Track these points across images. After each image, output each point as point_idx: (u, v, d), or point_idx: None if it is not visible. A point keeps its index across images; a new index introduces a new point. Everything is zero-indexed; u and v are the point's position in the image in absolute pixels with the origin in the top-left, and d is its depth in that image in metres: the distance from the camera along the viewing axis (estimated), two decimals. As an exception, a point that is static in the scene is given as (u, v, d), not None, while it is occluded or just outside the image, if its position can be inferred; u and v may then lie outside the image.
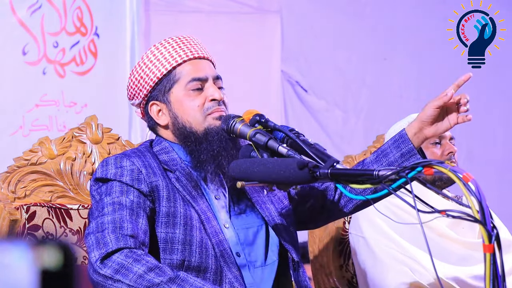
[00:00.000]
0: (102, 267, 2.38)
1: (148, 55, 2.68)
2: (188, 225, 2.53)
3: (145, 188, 2.53)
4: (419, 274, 3.07)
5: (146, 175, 2.55)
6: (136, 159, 2.58)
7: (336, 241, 3.33)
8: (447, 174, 1.87)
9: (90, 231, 2.47)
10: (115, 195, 2.52)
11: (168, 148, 2.65)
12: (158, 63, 2.65)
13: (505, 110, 5.84)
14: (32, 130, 4.56)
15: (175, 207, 2.54)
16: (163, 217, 2.53)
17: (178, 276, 2.38)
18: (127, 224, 2.45)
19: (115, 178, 2.54)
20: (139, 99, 2.70)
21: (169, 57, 2.65)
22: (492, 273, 1.78)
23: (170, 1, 5.14)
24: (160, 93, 2.66)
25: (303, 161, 2.19)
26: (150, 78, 2.66)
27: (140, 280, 2.36)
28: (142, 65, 2.68)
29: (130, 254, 2.39)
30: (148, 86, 2.66)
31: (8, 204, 2.77)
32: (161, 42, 2.68)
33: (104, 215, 2.47)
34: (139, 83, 2.68)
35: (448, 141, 3.28)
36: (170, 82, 2.64)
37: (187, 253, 2.52)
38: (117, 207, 2.49)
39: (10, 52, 4.55)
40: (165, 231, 2.53)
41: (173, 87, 2.64)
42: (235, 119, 2.56)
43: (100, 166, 2.59)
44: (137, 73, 2.69)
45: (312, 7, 5.53)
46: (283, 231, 2.65)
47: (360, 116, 5.62)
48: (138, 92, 2.69)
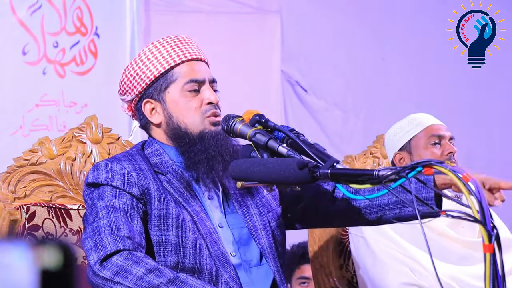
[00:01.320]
0: (101, 269, 2.39)
1: (145, 53, 2.67)
2: (181, 226, 2.54)
3: (136, 191, 2.54)
4: (419, 274, 3.07)
5: (136, 178, 2.55)
6: (126, 163, 2.58)
7: (336, 241, 3.33)
8: (447, 174, 1.87)
9: (87, 236, 2.47)
10: (108, 199, 2.52)
11: (160, 150, 2.64)
12: (155, 61, 2.65)
13: (506, 110, 5.84)
14: (32, 130, 4.56)
15: (167, 209, 2.54)
16: (155, 220, 2.53)
17: (177, 277, 2.39)
18: (123, 226, 2.46)
19: (106, 182, 2.54)
20: (132, 96, 2.68)
21: (167, 56, 2.65)
22: (492, 273, 1.78)
23: (170, 1, 5.14)
24: (155, 92, 2.65)
25: (303, 161, 2.19)
26: (147, 75, 2.65)
27: (140, 282, 2.36)
28: (138, 62, 2.67)
29: (129, 256, 2.40)
30: (143, 84, 2.65)
31: (8, 204, 2.77)
32: (159, 41, 2.68)
33: (99, 219, 2.48)
34: (134, 80, 2.67)
35: (448, 141, 3.28)
36: (166, 82, 2.64)
37: (180, 254, 2.52)
38: (111, 210, 2.49)
39: (10, 52, 4.54)
40: (158, 234, 2.53)
41: (169, 87, 2.64)
42: (235, 119, 2.56)
43: (92, 171, 2.59)
44: (132, 70, 2.68)
45: (312, 7, 5.52)
46: (262, 237, 2.64)
47: (359, 116, 5.62)
48: (132, 88, 2.68)
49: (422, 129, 3.28)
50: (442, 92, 5.66)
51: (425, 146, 3.25)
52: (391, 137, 3.33)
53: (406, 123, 3.32)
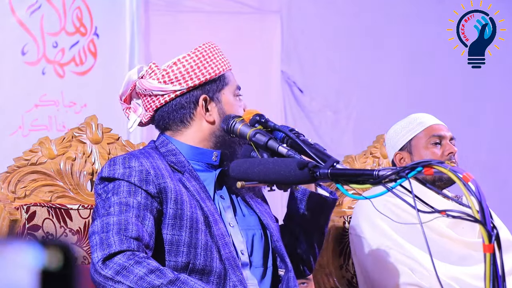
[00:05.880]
0: (103, 267, 2.40)
1: (205, 50, 2.67)
2: (194, 228, 2.54)
3: (153, 189, 2.53)
4: (419, 274, 3.06)
5: (154, 176, 2.54)
6: (144, 160, 2.57)
7: (336, 241, 3.33)
8: (447, 174, 1.87)
9: (95, 230, 2.48)
10: (123, 195, 2.51)
11: (176, 151, 2.64)
12: (216, 61, 2.66)
13: (506, 110, 5.84)
14: (32, 130, 4.56)
15: (182, 210, 2.54)
16: (169, 219, 2.53)
17: (178, 278, 2.40)
18: (132, 226, 2.45)
19: (123, 178, 2.54)
20: (181, 87, 2.63)
21: (224, 60, 2.69)
22: (492, 273, 1.78)
23: (170, 1, 5.14)
24: (211, 90, 2.65)
25: (303, 161, 2.19)
26: (208, 71, 2.64)
27: (141, 282, 2.37)
28: (200, 56, 2.65)
29: (132, 257, 2.41)
30: (202, 78, 2.64)
31: (8, 204, 2.77)
32: (214, 44, 2.71)
33: (110, 215, 2.48)
34: (192, 71, 2.63)
35: (448, 141, 3.28)
36: (221, 83, 2.66)
37: (192, 255, 2.53)
38: (124, 208, 2.49)
39: (10, 52, 4.55)
40: (171, 233, 2.54)
41: (223, 89, 2.66)
42: (235, 119, 2.57)
43: (107, 165, 2.58)
44: (193, 61, 2.64)
45: (312, 7, 5.52)
46: (279, 240, 2.69)
47: (359, 116, 5.62)
48: (186, 79, 2.63)
49: (423, 129, 3.28)
50: (443, 93, 5.66)
51: (426, 146, 3.25)
52: (392, 137, 3.33)
53: (407, 122, 3.32)
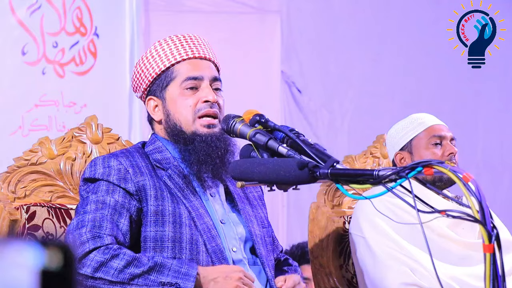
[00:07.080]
0: (80, 267, 2.43)
1: (151, 50, 2.73)
2: (177, 222, 2.57)
3: (131, 187, 2.57)
4: (419, 274, 3.06)
5: (133, 174, 2.59)
6: (123, 159, 2.62)
7: (336, 241, 3.33)
8: (447, 174, 1.87)
9: (69, 229, 2.53)
10: (101, 193, 2.56)
11: (162, 148, 2.68)
12: (158, 58, 2.69)
13: (506, 110, 5.83)
14: (32, 130, 4.56)
15: (163, 205, 2.57)
16: (151, 216, 2.57)
17: (155, 263, 2.44)
18: (106, 224, 2.50)
19: (102, 177, 2.58)
20: (140, 93, 2.76)
21: (169, 54, 2.68)
22: (492, 273, 1.78)
23: (170, 1, 5.14)
24: (158, 89, 2.71)
25: (303, 161, 2.19)
26: (149, 73, 2.70)
27: (122, 275, 2.43)
28: (144, 59, 2.73)
29: (107, 251, 2.45)
30: (147, 81, 2.72)
31: (8, 204, 2.77)
32: (165, 39, 2.72)
33: (86, 213, 2.52)
34: (140, 77, 2.74)
35: (449, 142, 3.27)
36: (167, 79, 2.68)
37: (177, 250, 2.55)
38: (100, 206, 2.53)
39: (10, 52, 4.54)
40: (155, 230, 2.56)
41: (169, 85, 2.68)
42: (235, 119, 2.57)
43: (89, 167, 2.64)
44: (139, 67, 2.74)
45: (312, 7, 5.52)
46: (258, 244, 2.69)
47: (359, 116, 5.61)
48: (139, 85, 2.75)
49: (423, 129, 3.28)
50: (443, 93, 5.65)
51: (426, 146, 3.25)
52: (392, 137, 3.33)
53: (407, 123, 3.32)
